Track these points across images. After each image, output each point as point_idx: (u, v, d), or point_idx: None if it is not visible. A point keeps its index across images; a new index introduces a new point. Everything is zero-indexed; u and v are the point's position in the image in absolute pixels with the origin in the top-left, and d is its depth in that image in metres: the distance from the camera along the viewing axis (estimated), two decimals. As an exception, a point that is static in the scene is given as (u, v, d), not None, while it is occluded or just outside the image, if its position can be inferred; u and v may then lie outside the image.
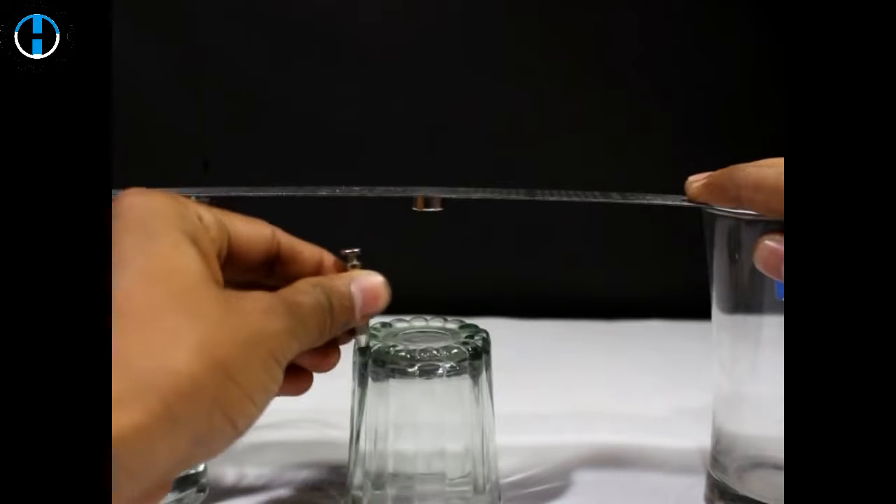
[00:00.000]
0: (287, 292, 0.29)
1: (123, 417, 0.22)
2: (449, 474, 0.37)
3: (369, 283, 0.32)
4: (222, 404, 0.25)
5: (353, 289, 0.31)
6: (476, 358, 0.37)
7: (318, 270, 0.33)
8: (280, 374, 0.27)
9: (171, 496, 0.40)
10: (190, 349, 0.24)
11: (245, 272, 0.31)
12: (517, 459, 0.45)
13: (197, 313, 0.25)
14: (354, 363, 0.38)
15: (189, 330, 0.24)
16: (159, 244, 0.26)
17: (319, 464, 0.45)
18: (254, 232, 0.31)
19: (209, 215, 0.29)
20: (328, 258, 0.33)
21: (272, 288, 0.29)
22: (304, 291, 0.29)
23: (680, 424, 0.51)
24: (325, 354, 0.32)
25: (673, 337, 0.72)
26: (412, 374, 0.36)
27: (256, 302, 0.27)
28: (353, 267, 0.33)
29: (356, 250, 0.33)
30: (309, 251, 0.33)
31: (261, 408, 0.27)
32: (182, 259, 0.26)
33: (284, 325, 0.27)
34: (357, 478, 0.38)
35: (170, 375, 0.23)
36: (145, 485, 0.23)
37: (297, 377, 0.32)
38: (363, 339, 0.34)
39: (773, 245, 0.31)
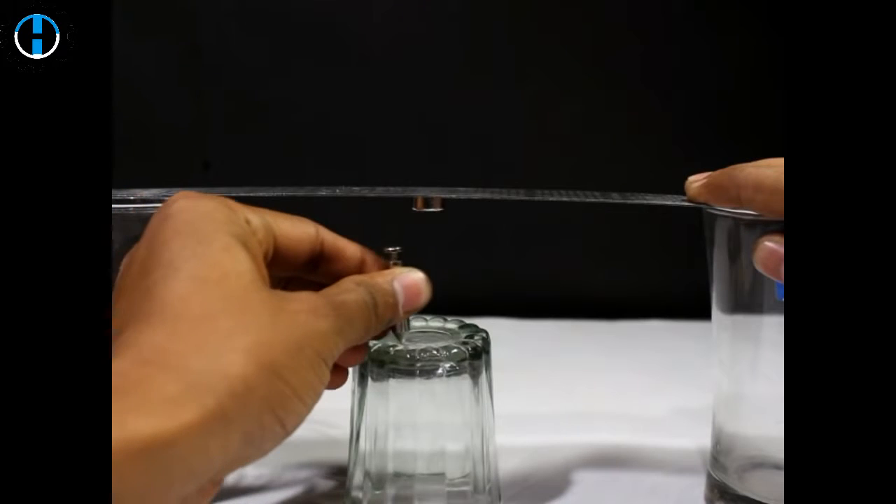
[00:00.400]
0: (332, 291, 0.30)
1: (180, 416, 0.23)
2: (449, 474, 0.37)
3: (411, 279, 0.32)
4: (272, 404, 0.25)
5: (396, 286, 0.32)
6: (476, 358, 0.37)
7: (360, 268, 0.33)
8: (327, 374, 0.28)
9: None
10: (242, 352, 0.25)
11: (290, 270, 0.32)
12: (517, 459, 0.45)
13: (248, 317, 0.26)
14: None
15: (241, 333, 0.25)
16: (211, 248, 0.27)
17: (319, 464, 0.45)
18: (298, 231, 0.32)
19: (256, 217, 0.30)
20: (370, 256, 0.34)
21: (315, 285, 0.30)
22: (348, 290, 0.30)
23: (680, 424, 0.51)
24: (356, 349, 0.32)
25: (673, 337, 0.72)
26: (412, 374, 0.36)
27: (304, 303, 0.28)
28: (395, 264, 0.34)
29: (397, 248, 0.34)
30: (351, 249, 0.33)
31: (309, 407, 0.27)
32: (232, 263, 0.27)
33: (331, 326, 0.28)
34: (357, 478, 0.38)
35: (223, 377, 0.24)
36: (200, 481, 0.24)
37: (333, 372, 0.32)
38: (401, 334, 0.35)
39: (772, 246, 0.31)
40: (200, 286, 0.26)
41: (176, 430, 0.22)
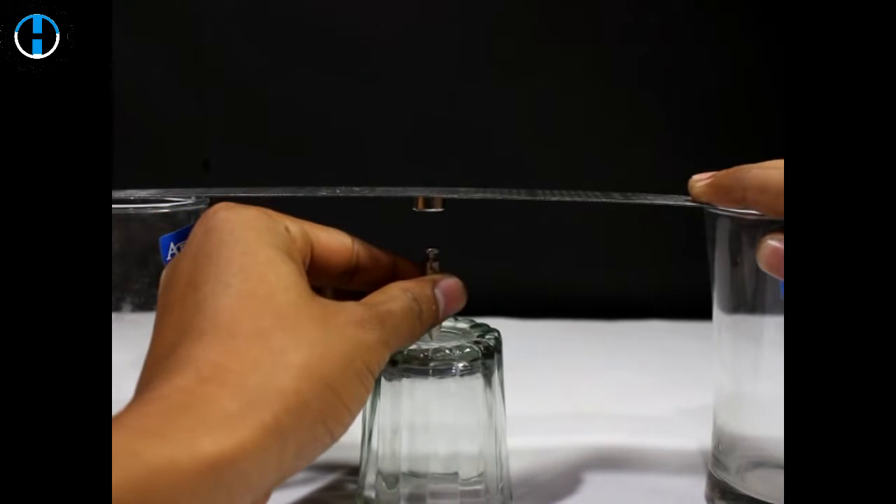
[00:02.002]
0: (378, 299, 0.30)
1: (240, 433, 0.23)
2: (462, 474, 0.37)
3: (451, 285, 0.33)
4: (324, 416, 0.26)
5: (438, 292, 0.33)
6: (488, 357, 0.37)
7: (394, 274, 0.34)
8: (372, 382, 0.29)
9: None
10: (295, 368, 0.26)
11: (326, 280, 0.33)
12: (518, 460, 0.45)
13: (299, 332, 0.27)
14: None
15: (294, 349, 0.26)
16: (256, 261, 0.28)
17: (327, 463, 0.45)
18: (335, 242, 0.33)
19: (295, 227, 0.31)
20: (402, 262, 0.35)
21: (353, 294, 0.31)
22: (394, 298, 0.30)
23: (681, 424, 0.51)
24: None
25: (673, 337, 0.72)
26: (425, 374, 0.36)
27: (351, 315, 0.28)
28: (432, 265, 0.35)
29: (435, 250, 0.35)
30: (385, 257, 0.34)
31: (355, 416, 0.28)
32: (279, 278, 0.28)
33: (378, 336, 0.29)
34: (370, 477, 0.38)
35: (279, 393, 0.25)
36: (256, 495, 0.25)
37: None
38: (434, 334, 0.36)
39: (775, 245, 0.31)
40: (251, 302, 0.27)
41: (237, 446, 0.23)
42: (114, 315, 0.38)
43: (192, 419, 0.23)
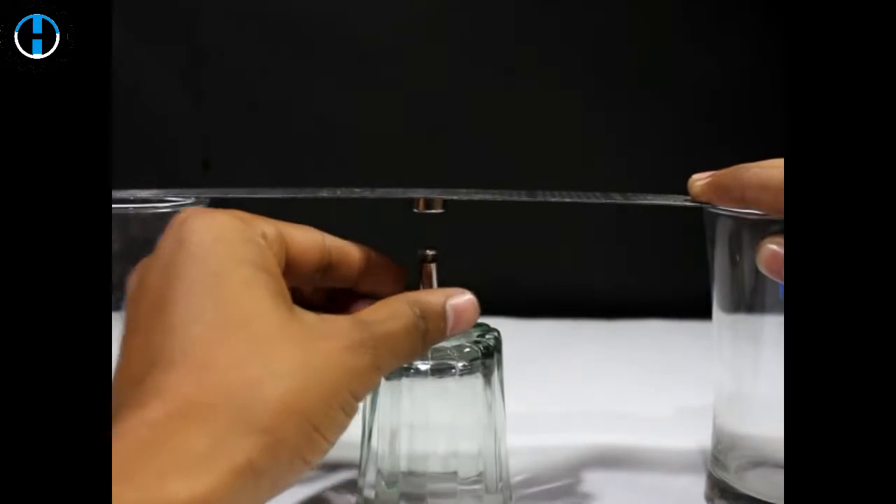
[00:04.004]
0: (377, 316, 0.28)
1: (212, 474, 0.22)
2: (462, 473, 0.37)
3: (464, 302, 0.30)
4: (302, 451, 0.25)
5: (449, 308, 0.30)
6: (488, 357, 0.37)
7: (367, 269, 0.32)
8: (356, 409, 0.27)
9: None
10: (273, 402, 0.24)
11: (300, 279, 0.31)
12: (518, 459, 0.45)
13: (278, 362, 0.25)
14: None
15: (270, 382, 0.24)
16: (230, 282, 0.26)
17: (328, 462, 0.45)
18: (308, 240, 0.30)
19: (271, 229, 0.29)
20: (375, 256, 0.33)
21: (327, 293, 0.29)
22: (397, 315, 0.28)
23: (680, 424, 0.51)
24: None
25: (673, 337, 0.72)
26: (425, 373, 0.36)
27: (340, 338, 0.26)
28: (429, 266, 0.33)
29: (433, 251, 0.33)
30: (356, 252, 0.32)
31: (334, 443, 0.26)
32: (255, 302, 0.26)
33: (370, 362, 0.26)
34: (369, 476, 0.38)
35: (253, 431, 0.23)
36: None
37: None
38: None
39: (775, 248, 0.31)
40: (224, 331, 0.25)
41: (208, 490, 0.22)
42: (114, 315, 0.38)
43: (161, 460, 0.22)
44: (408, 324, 0.28)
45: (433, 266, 0.34)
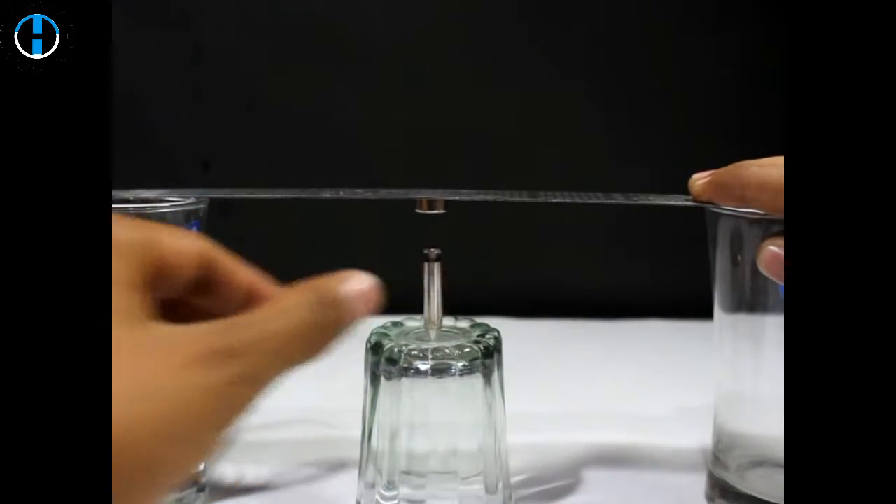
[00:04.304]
0: (261, 315, 0.24)
1: None
2: (461, 473, 0.37)
3: (361, 284, 0.26)
4: (165, 476, 0.21)
5: (344, 293, 0.25)
6: (488, 357, 0.37)
7: (250, 295, 0.27)
8: (227, 429, 0.22)
9: (171, 496, 0.40)
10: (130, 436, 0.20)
11: (175, 290, 0.26)
12: (519, 459, 0.45)
13: (140, 391, 0.21)
14: (366, 362, 0.38)
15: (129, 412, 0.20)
16: None
17: (320, 463, 0.45)
18: (182, 246, 0.26)
19: (132, 233, 0.25)
20: (263, 284, 0.27)
21: (207, 309, 0.25)
22: (287, 310, 0.24)
23: (681, 423, 0.51)
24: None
25: (673, 337, 0.72)
26: (425, 373, 0.36)
27: (190, 348, 0.22)
28: (432, 267, 0.33)
29: (437, 250, 0.33)
30: (244, 273, 0.27)
31: (201, 463, 0.23)
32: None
33: (233, 373, 0.22)
34: (369, 476, 0.38)
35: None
36: None
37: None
38: (434, 334, 0.35)
39: (776, 250, 0.31)
40: None
41: None
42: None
43: None
44: (293, 320, 0.23)
45: (436, 265, 0.34)
